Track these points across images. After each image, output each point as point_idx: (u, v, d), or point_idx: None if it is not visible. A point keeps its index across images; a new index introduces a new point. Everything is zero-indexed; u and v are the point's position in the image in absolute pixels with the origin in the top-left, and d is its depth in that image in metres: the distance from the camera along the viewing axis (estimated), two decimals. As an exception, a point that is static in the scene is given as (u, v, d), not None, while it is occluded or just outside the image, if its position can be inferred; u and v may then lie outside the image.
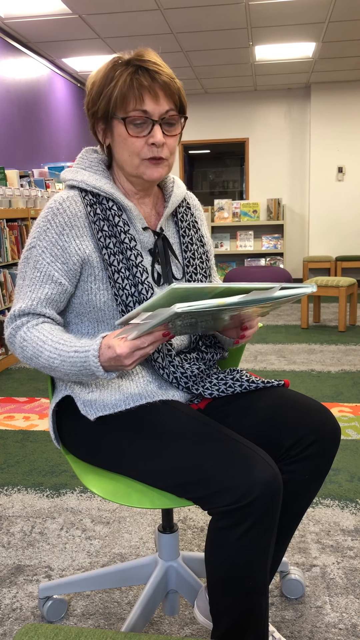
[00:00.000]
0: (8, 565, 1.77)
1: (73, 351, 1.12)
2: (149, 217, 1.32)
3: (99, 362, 1.09)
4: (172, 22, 5.12)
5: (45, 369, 1.17)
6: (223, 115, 8.06)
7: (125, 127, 1.18)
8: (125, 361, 1.05)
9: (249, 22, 5.17)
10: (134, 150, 1.20)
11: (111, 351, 1.06)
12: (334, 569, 1.71)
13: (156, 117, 1.18)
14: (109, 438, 1.19)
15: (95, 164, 1.28)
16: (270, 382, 1.28)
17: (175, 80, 1.21)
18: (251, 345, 4.51)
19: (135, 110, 1.17)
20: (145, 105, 1.17)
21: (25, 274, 1.21)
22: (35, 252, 1.20)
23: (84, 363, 1.10)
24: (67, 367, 1.12)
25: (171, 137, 1.22)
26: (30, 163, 5.77)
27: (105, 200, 1.24)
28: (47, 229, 1.20)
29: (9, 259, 4.18)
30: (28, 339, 1.16)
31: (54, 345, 1.14)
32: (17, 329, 1.19)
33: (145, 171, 1.22)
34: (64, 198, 1.22)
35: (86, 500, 2.14)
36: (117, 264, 1.21)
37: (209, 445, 1.07)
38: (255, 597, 1.08)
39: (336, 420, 1.24)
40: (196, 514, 2.03)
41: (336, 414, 2.99)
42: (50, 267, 1.19)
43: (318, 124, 7.69)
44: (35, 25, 5.09)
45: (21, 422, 3.00)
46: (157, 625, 1.49)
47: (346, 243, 7.91)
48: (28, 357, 1.17)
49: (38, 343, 1.15)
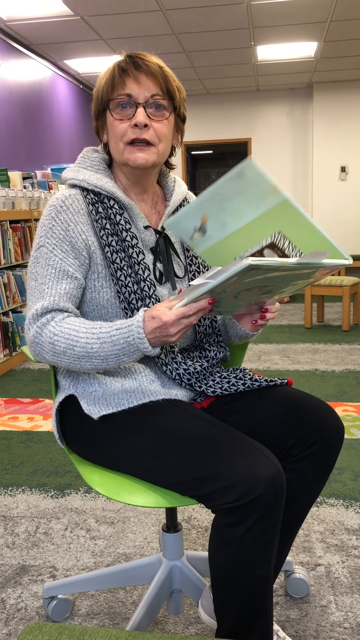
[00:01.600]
0: (13, 565, 1.77)
1: (114, 329, 1.10)
2: (149, 216, 1.32)
3: (144, 333, 1.07)
4: (173, 23, 5.13)
5: (78, 360, 1.13)
6: (225, 115, 8.06)
7: (110, 111, 1.21)
8: (171, 329, 1.05)
9: (250, 22, 5.17)
10: (118, 134, 1.21)
11: (156, 321, 1.05)
12: (338, 568, 1.70)
13: (140, 100, 1.20)
14: (113, 437, 1.19)
15: (96, 163, 1.28)
16: (274, 381, 1.28)
17: (163, 68, 1.22)
18: (255, 345, 4.50)
19: (120, 95, 1.20)
20: (127, 88, 1.19)
21: (38, 274, 1.19)
22: (45, 250, 1.20)
23: (127, 338, 1.09)
24: (108, 348, 1.10)
25: (158, 121, 1.22)
26: (33, 165, 5.78)
27: (106, 199, 1.24)
28: (53, 226, 1.20)
29: (13, 261, 4.18)
30: (59, 332, 1.13)
31: (90, 330, 1.12)
32: (44, 326, 1.15)
33: (129, 156, 1.22)
34: (66, 196, 1.23)
35: (90, 501, 2.14)
36: (119, 261, 1.22)
37: (212, 443, 1.07)
38: (259, 595, 1.07)
39: (339, 418, 1.23)
40: (200, 514, 2.03)
41: (340, 413, 2.98)
42: (64, 263, 1.19)
43: (320, 124, 7.69)
44: (38, 27, 5.10)
45: (25, 423, 3.00)
46: (161, 624, 1.49)
47: (349, 242, 7.90)
48: (60, 352, 1.13)
49: (71, 333, 1.12)
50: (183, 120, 1.30)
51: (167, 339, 1.07)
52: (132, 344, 1.09)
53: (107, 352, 1.11)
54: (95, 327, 1.12)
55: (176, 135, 1.31)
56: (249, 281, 1.01)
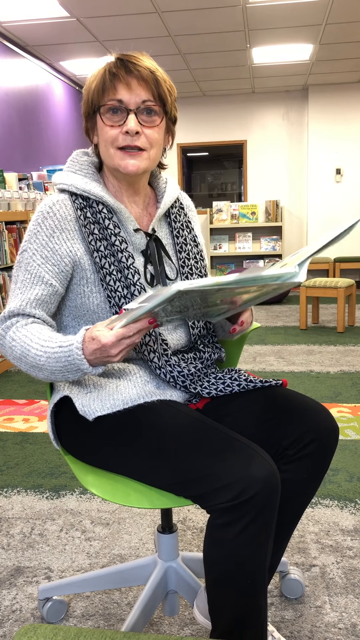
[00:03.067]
0: (8, 566, 1.77)
1: (57, 346, 1.11)
2: (140, 218, 1.32)
3: (82, 355, 1.08)
4: (169, 25, 5.14)
5: (33, 369, 1.15)
6: (221, 117, 8.07)
7: (101, 116, 1.21)
8: (111, 351, 1.05)
9: (246, 25, 5.18)
10: (109, 139, 1.21)
11: (95, 342, 1.06)
12: (333, 568, 1.71)
13: (132, 106, 1.19)
14: (108, 438, 1.19)
15: (85, 167, 1.28)
16: (269, 382, 1.28)
17: (155, 72, 1.21)
18: (250, 347, 4.51)
19: (111, 100, 1.19)
20: (118, 94, 1.19)
21: (17, 277, 1.22)
22: (27, 254, 1.21)
23: (68, 357, 1.09)
24: (52, 363, 1.11)
25: (150, 127, 1.21)
26: (29, 166, 5.78)
27: (95, 204, 1.24)
28: (38, 232, 1.21)
29: (8, 262, 4.18)
30: (17, 338, 1.16)
31: (40, 342, 1.13)
32: (7, 329, 1.19)
33: (121, 162, 1.22)
34: (54, 202, 1.23)
35: (86, 502, 2.14)
36: (108, 266, 1.22)
37: (207, 443, 1.07)
38: (253, 596, 1.08)
39: (334, 419, 1.24)
40: (195, 515, 2.03)
41: (335, 414, 2.99)
42: (41, 269, 1.20)
43: (316, 126, 7.71)
44: (34, 28, 5.10)
45: (21, 424, 3.00)
46: (157, 625, 1.49)
47: (344, 244, 7.91)
48: (17, 357, 1.16)
49: (25, 342, 1.15)
50: (174, 123, 1.29)
51: (108, 359, 1.07)
52: (73, 363, 1.09)
53: (52, 367, 1.12)
54: (46, 340, 1.13)
55: (167, 137, 1.30)
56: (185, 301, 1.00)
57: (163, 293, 0.94)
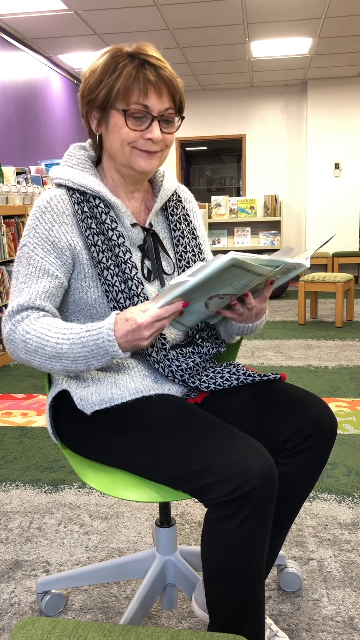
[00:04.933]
0: (6, 560, 1.77)
1: (84, 331, 1.09)
2: (138, 213, 1.31)
3: (114, 336, 1.07)
4: (168, 19, 5.11)
5: (50, 361, 1.12)
6: (220, 111, 8.05)
7: (125, 119, 1.18)
8: (144, 333, 1.04)
9: (245, 18, 5.16)
10: (127, 139, 1.19)
11: (130, 323, 1.05)
12: (331, 562, 1.71)
13: (155, 113, 1.18)
14: (106, 432, 1.19)
15: (82, 161, 1.27)
16: (267, 376, 1.28)
17: (177, 79, 1.21)
18: (248, 341, 4.51)
19: (136, 104, 1.16)
20: (148, 100, 1.16)
21: (19, 273, 1.20)
22: (27, 249, 1.20)
23: (97, 341, 1.07)
24: (77, 350, 1.09)
25: (169, 133, 1.22)
26: (27, 160, 5.76)
27: (92, 198, 1.24)
28: (36, 226, 1.20)
29: (6, 256, 4.17)
30: (31, 330, 1.13)
31: (61, 330, 1.11)
32: (18, 323, 1.15)
33: (138, 161, 1.21)
34: (52, 197, 1.22)
35: (84, 496, 2.15)
36: (106, 261, 1.21)
37: (205, 437, 1.07)
38: (251, 589, 1.08)
39: (333, 413, 1.24)
40: (194, 509, 2.03)
41: (333, 409, 2.99)
42: (44, 262, 1.19)
43: (315, 120, 7.69)
44: (32, 21, 5.08)
45: (19, 418, 3.00)
46: (155, 619, 1.50)
47: (343, 239, 7.91)
48: (31, 350, 1.12)
49: (43, 332, 1.12)
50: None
51: (139, 343, 1.06)
52: (102, 346, 1.08)
53: (75, 354, 1.10)
54: (67, 328, 1.12)
55: None
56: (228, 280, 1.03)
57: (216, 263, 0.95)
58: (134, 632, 0.82)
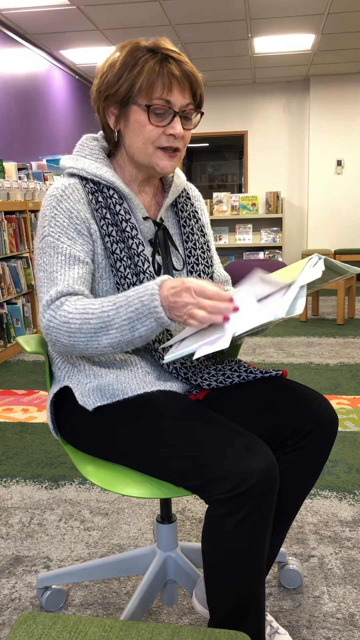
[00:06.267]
0: (7, 556, 1.77)
1: (132, 290, 1.05)
2: (149, 207, 1.31)
3: (158, 292, 1.02)
4: (170, 14, 5.10)
5: (95, 336, 1.07)
6: (222, 108, 8.03)
7: (147, 114, 1.16)
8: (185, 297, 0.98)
9: (247, 14, 5.14)
10: (150, 137, 1.18)
11: (177, 280, 1.01)
12: (331, 559, 1.71)
13: (177, 108, 1.17)
14: (107, 428, 1.19)
15: (95, 151, 1.27)
16: (269, 372, 1.28)
17: (199, 74, 1.20)
18: (249, 339, 4.51)
19: (159, 99, 1.15)
20: (171, 95, 1.15)
21: (46, 264, 1.16)
22: (51, 239, 1.17)
23: (142, 297, 1.03)
24: (123, 312, 1.04)
25: (188, 129, 1.22)
26: (29, 156, 5.75)
27: (105, 189, 1.23)
28: (55, 215, 1.18)
29: (7, 252, 4.17)
30: (73, 310, 1.08)
31: (106, 299, 1.08)
32: (57, 308, 1.10)
33: (159, 162, 1.20)
34: (66, 185, 1.21)
35: (85, 492, 2.15)
36: (119, 252, 1.20)
37: (207, 434, 1.07)
38: (251, 585, 1.08)
39: (334, 409, 1.24)
40: (194, 505, 2.03)
41: (335, 406, 2.99)
42: (72, 249, 1.16)
43: (317, 117, 7.67)
44: (34, 16, 5.06)
45: (20, 414, 3.00)
46: (155, 615, 1.50)
47: (345, 236, 7.90)
48: (75, 330, 1.08)
49: (86, 307, 1.08)
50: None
51: (174, 306, 1.00)
52: (145, 304, 1.03)
53: (122, 318, 1.04)
54: (111, 298, 1.08)
55: None
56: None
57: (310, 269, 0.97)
58: (134, 628, 0.82)
